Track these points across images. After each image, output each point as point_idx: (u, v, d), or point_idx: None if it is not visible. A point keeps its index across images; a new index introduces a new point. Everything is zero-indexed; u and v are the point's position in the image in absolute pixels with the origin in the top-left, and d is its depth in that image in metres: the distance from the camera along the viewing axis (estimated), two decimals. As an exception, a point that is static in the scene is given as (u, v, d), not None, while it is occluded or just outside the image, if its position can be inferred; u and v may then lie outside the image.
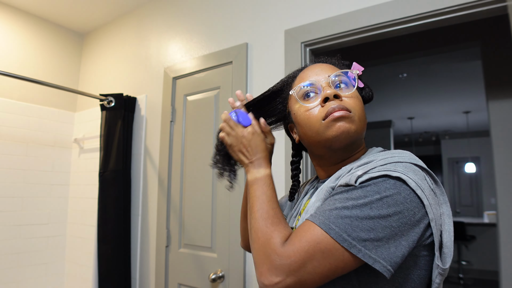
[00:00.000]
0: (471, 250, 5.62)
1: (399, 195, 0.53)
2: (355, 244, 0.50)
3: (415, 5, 1.24)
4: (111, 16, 2.48)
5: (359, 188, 0.55)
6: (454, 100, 4.67)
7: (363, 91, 0.75)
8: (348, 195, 0.55)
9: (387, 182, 0.53)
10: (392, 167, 0.55)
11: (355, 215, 0.52)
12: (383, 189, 0.53)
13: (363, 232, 0.51)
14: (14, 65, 2.34)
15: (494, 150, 1.73)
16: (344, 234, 0.51)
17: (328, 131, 0.64)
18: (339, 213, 0.53)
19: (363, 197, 0.53)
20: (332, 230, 0.52)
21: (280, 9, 1.61)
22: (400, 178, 0.54)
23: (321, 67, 0.72)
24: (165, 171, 1.92)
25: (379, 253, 0.50)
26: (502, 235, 1.63)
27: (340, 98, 0.65)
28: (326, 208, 0.55)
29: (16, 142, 2.28)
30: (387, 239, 0.51)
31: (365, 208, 0.52)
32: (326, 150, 0.68)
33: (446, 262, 0.56)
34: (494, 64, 1.83)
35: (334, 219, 0.52)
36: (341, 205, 0.54)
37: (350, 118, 0.63)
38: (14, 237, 2.21)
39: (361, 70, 0.74)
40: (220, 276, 1.59)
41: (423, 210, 0.54)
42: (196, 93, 1.88)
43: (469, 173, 6.69)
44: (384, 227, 0.51)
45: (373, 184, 0.54)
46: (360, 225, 0.51)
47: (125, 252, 1.96)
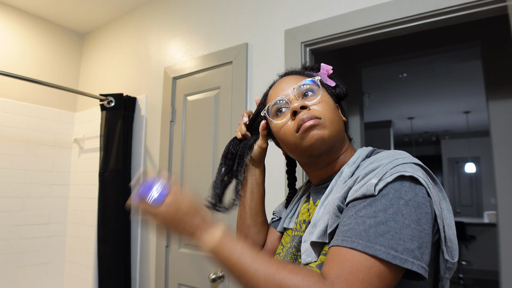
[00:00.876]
0: (471, 250, 5.62)
1: (417, 196, 0.53)
2: (406, 258, 0.48)
3: (415, 5, 1.24)
4: (111, 16, 2.48)
5: (381, 197, 0.52)
6: (454, 100, 4.67)
7: (336, 89, 0.76)
8: (374, 208, 0.52)
9: (404, 184, 0.53)
10: (401, 168, 0.55)
11: (393, 228, 0.49)
12: (403, 192, 0.52)
13: (407, 243, 0.49)
14: (14, 65, 2.34)
15: (494, 150, 1.73)
16: (392, 251, 0.48)
17: (303, 142, 0.66)
18: (377, 230, 0.50)
19: (390, 206, 0.51)
20: (378, 250, 0.48)
21: (280, 9, 1.61)
22: (413, 177, 0.54)
23: (287, 81, 0.74)
24: (165, 171, 1.92)
25: (424, 260, 0.49)
26: (502, 235, 1.63)
27: (308, 108, 0.66)
28: (359, 228, 0.51)
29: (16, 142, 2.28)
30: (426, 243, 0.50)
31: (398, 217, 0.50)
32: (310, 158, 0.70)
33: (454, 255, 0.56)
34: (494, 64, 1.83)
35: (375, 238, 0.49)
36: (374, 221, 0.50)
37: (321, 125, 0.65)
38: (14, 237, 2.21)
39: (330, 70, 0.77)
40: (220, 276, 1.59)
41: (432, 206, 0.55)
42: (196, 93, 1.88)
43: (469, 173, 6.69)
44: (420, 231, 0.50)
45: (393, 190, 0.53)
46: (402, 237, 0.49)
47: (125, 252, 1.96)
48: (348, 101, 2.59)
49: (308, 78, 0.72)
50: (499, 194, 1.68)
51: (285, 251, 0.75)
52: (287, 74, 0.78)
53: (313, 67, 0.80)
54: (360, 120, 2.61)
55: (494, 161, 1.72)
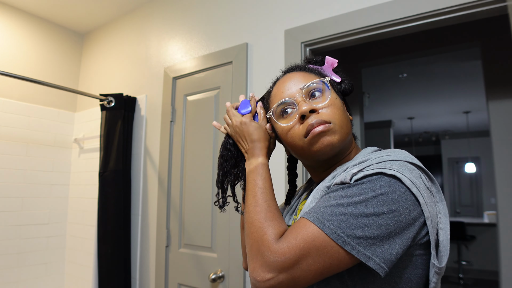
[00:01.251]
0: (471, 250, 5.62)
1: (394, 193, 0.52)
2: (349, 241, 0.50)
3: (415, 5, 1.24)
4: (111, 16, 2.48)
5: (354, 185, 0.54)
6: (454, 100, 4.67)
7: (342, 85, 0.74)
8: (343, 192, 0.54)
9: (382, 179, 0.53)
10: (387, 165, 0.55)
11: (350, 212, 0.51)
12: (378, 186, 0.53)
13: (357, 230, 0.50)
14: (14, 65, 2.34)
15: (494, 150, 1.73)
16: (339, 231, 0.50)
17: (312, 147, 0.64)
18: (334, 210, 0.52)
19: (358, 194, 0.53)
20: (326, 227, 0.51)
21: (280, 9, 1.61)
22: (395, 176, 0.53)
23: (292, 79, 0.70)
24: (165, 171, 1.92)
25: (373, 251, 0.50)
26: (502, 235, 1.63)
27: (317, 112, 0.64)
28: (321, 205, 0.55)
29: (16, 142, 2.28)
30: (382, 237, 0.50)
31: (360, 205, 0.51)
32: (315, 162, 0.69)
33: (442, 260, 0.55)
34: (494, 64, 1.83)
35: (329, 216, 0.52)
36: (336, 202, 0.53)
37: (331, 130, 0.63)
38: (14, 237, 2.21)
39: (335, 63, 0.74)
40: (220, 276, 1.59)
41: (418, 208, 0.53)
42: (196, 93, 1.87)
43: (469, 173, 6.69)
44: (379, 224, 0.50)
45: (368, 182, 0.53)
46: (354, 223, 0.50)
47: (125, 252, 1.96)
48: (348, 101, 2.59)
49: (314, 78, 0.69)
50: (499, 194, 1.68)
51: None
52: (291, 70, 0.75)
53: (317, 59, 0.76)
54: (360, 120, 2.61)
55: (494, 161, 1.72)
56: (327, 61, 0.74)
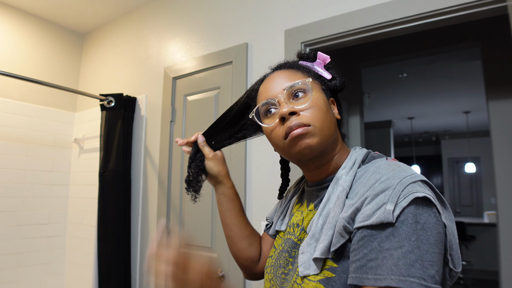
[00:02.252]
0: (471, 250, 5.62)
1: (430, 217, 0.52)
2: (430, 285, 0.48)
3: (415, 5, 1.24)
4: (111, 16, 2.48)
5: (401, 224, 0.51)
6: (454, 100, 4.68)
7: (332, 82, 0.72)
8: (397, 237, 0.51)
9: (418, 207, 0.52)
10: (412, 188, 0.54)
11: (419, 256, 0.49)
12: (419, 216, 0.52)
13: (430, 270, 0.49)
14: (14, 65, 2.34)
15: (494, 150, 1.73)
16: (422, 281, 0.48)
17: (291, 149, 0.64)
18: (406, 261, 0.49)
19: (413, 232, 0.51)
20: (413, 283, 0.48)
21: (280, 9, 1.61)
22: (426, 197, 0.53)
23: (278, 78, 0.69)
24: (165, 171, 1.92)
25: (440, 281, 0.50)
26: (502, 235, 1.63)
27: (297, 114, 0.63)
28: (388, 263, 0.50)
29: (16, 142, 2.28)
30: (442, 262, 0.52)
31: (421, 243, 0.50)
32: (299, 162, 0.69)
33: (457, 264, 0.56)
34: (494, 64, 1.83)
35: (406, 270, 0.48)
36: (401, 252, 0.50)
37: (310, 133, 0.62)
38: (14, 237, 2.21)
39: (328, 59, 0.73)
40: (220, 276, 1.59)
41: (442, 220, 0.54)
42: (196, 93, 1.87)
43: (469, 173, 6.69)
44: (438, 254, 0.51)
45: (411, 215, 0.52)
46: (425, 264, 0.49)
47: (125, 252, 1.96)
48: (348, 101, 2.59)
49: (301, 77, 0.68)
50: (499, 194, 1.68)
51: (277, 254, 0.74)
52: (279, 68, 0.74)
53: (309, 55, 0.75)
54: (360, 120, 2.61)
55: (494, 161, 1.72)
56: (319, 57, 0.73)
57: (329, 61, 0.73)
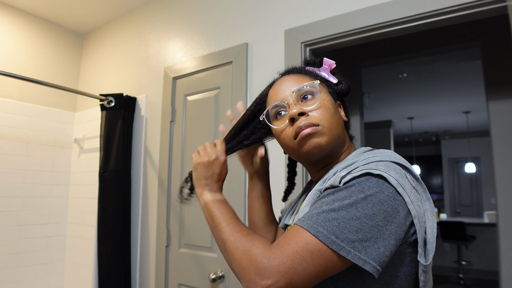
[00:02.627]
0: (471, 250, 5.62)
1: (382, 193, 0.53)
2: (344, 246, 0.50)
3: (415, 5, 1.24)
4: (111, 16, 2.48)
5: (344, 188, 0.55)
6: (454, 100, 4.68)
7: (338, 86, 0.75)
8: (333, 196, 0.55)
9: (370, 180, 0.54)
10: (373, 165, 0.56)
11: (342, 217, 0.52)
12: (366, 188, 0.54)
13: (351, 233, 0.51)
14: (14, 65, 2.34)
15: (494, 150, 1.73)
16: (333, 236, 0.51)
17: (301, 149, 0.66)
18: (327, 215, 0.53)
19: (348, 197, 0.53)
20: (320, 233, 0.51)
21: (280, 9, 1.61)
22: (382, 176, 0.54)
23: (286, 82, 0.72)
24: (165, 171, 1.92)
25: (368, 254, 0.50)
26: (502, 235, 1.63)
27: (306, 114, 0.66)
28: (314, 212, 0.55)
29: (16, 142, 2.28)
30: (375, 238, 0.51)
31: (351, 208, 0.52)
32: (307, 162, 0.72)
33: (428, 258, 0.56)
34: (494, 64, 1.83)
35: (322, 222, 0.52)
36: (328, 208, 0.54)
37: (319, 132, 0.65)
38: (14, 237, 2.21)
39: (333, 64, 0.76)
40: (220, 276, 1.59)
41: (406, 207, 0.55)
42: (196, 93, 1.88)
43: (469, 173, 6.69)
44: (371, 226, 0.51)
45: (357, 184, 0.54)
46: (347, 226, 0.51)
47: (125, 252, 1.96)
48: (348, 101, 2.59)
49: (308, 80, 0.71)
50: (499, 194, 1.68)
51: None
52: (287, 73, 0.77)
53: (315, 61, 0.78)
54: (360, 120, 2.61)
55: (494, 161, 1.72)
56: (325, 63, 0.76)
57: (334, 66, 0.76)
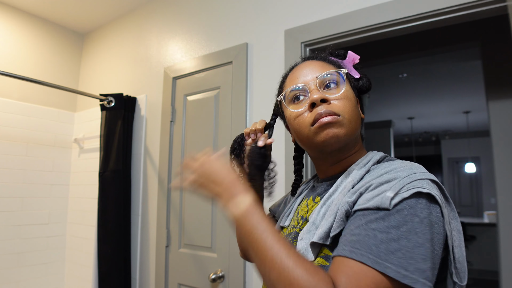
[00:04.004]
0: (471, 250, 5.62)
1: (431, 215, 0.51)
2: (417, 278, 0.46)
3: (415, 5, 1.24)
4: (111, 16, 2.48)
5: (396, 213, 0.50)
6: (454, 100, 4.67)
7: (360, 82, 0.72)
8: (387, 223, 0.49)
9: (420, 202, 0.51)
10: (418, 184, 0.52)
11: (405, 246, 0.47)
12: (419, 210, 0.50)
13: (419, 263, 0.46)
14: (14, 65, 2.34)
15: (494, 150, 1.73)
16: (402, 270, 0.46)
17: (317, 137, 0.63)
18: (388, 247, 0.47)
19: (404, 223, 0.49)
20: (389, 269, 0.46)
21: (280, 9, 1.61)
22: (430, 194, 0.51)
23: (310, 67, 0.69)
24: (165, 171, 1.92)
25: (432, 279, 0.47)
26: (502, 235, 1.63)
27: (328, 102, 0.62)
28: (369, 242, 0.49)
29: (16, 142, 2.28)
30: (437, 264, 0.49)
31: (411, 235, 0.48)
32: (320, 153, 0.68)
33: (462, 278, 0.54)
34: (494, 64, 1.83)
35: (385, 255, 0.47)
36: (386, 237, 0.48)
37: (339, 123, 0.61)
38: (14, 237, 2.21)
39: (357, 59, 0.73)
40: (220, 276, 1.59)
41: (445, 226, 0.53)
42: (196, 93, 1.88)
43: (469, 173, 6.69)
44: (433, 251, 0.48)
45: (408, 207, 0.50)
46: (414, 256, 0.47)
47: (125, 252, 1.96)
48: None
49: (332, 68, 0.68)
50: (499, 194, 1.68)
51: None
52: (311, 58, 0.73)
53: (339, 53, 0.75)
54: (360, 120, 2.60)
55: (494, 161, 1.72)
56: (349, 56, 0.73)
57: (358, 61, 0.73)
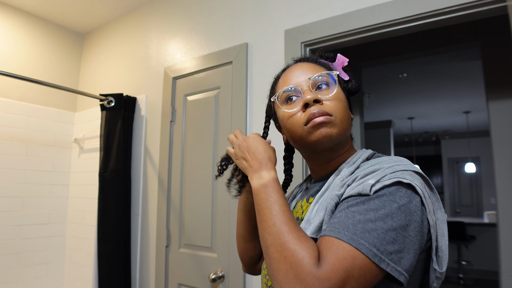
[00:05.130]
0: (471, 250, 5.61)
1: (411, 203, 0.53)
2: (384, 258, 0.49)
3: (415, 5, 1.24)
4: (111, 16, 2.48)
5: (376, 198, 0.54)
6: (454, 100, 4.67)
7: (349, 84, 0.75)
8: (366, 206, 0.53)
9: (400, 190, 0.54)
10: (400, 174, 0.55)
11: (380, 227, 0.50)
12: (398, 197, 0.53)
13: (389, 245, 0.50)
14: (14, 65, 2.34)
15: (494, 150, 1.73)
16: (374, 248, 0.49)
17: (310, 136, 0.65)
18: (364, 226, 0.51)
19: (382, 207, 0.52)
20: (362, 245, 0.50)
21: (280, 9, 1.61)
22: (411, 185, 0.54)
23: (302, 68, 0.71)
24: (165, 171, 1.92)
25: (402, 265, 0.50)
26: (502, 235, 1.63)
27: (320, 102, 0.65)
28: (348, 222, 0.52)
29: (16, 142, 2.28)
30: (408, 249, 0.51)
31: (387, 219, 0.51)
32: (312, 153, 0.70)
33: (442, 265, 0.57)
34: (494, 64, 1.83)
35: (361, 233, 0.50)
36: (363, 218, 0.52)
37: (331, 123, 0.64)
38: (14, 237, 2.21)
39: (346, 61, 0.75)
40: (220, 276, 1.59)
41: (426, 217, 0.55)
42: (196, 93, 1.88)
43: (469, 173, 6.69)
44: (404, 237, 0.51)
45: (388, 194, 0.53)
46: (385, 238, 0.50)
47: (125, 252, 1.96)
48: (348, 101, 2.59)
49: (324, 70, 0.71)
50: (499, 194, 1.68)
51: None
52: (302, 60, 0.76)
53: (329, 55, 0.77)
54: (360, 120, 2.61)
55: (494, 161, 1.72)
56: (338, 59, 0.76)
57: (347, 64, 0.76)
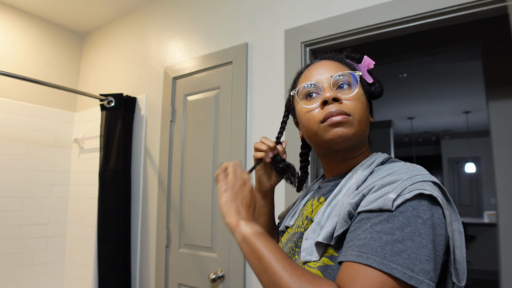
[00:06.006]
0: (471, 250, 5.61)
1: (434, 216, 0.52)
2: (422, 279, 0.47)
3: (415, 5, 1.24)
4: (111, 16, 2.48)
5: (399, 214, 0.51)
6: (454, 100, 4.67)
7: (372, 87, 0.74)
8: (391, 224, 0.50)
9: (422, 203, 0.52)
10: (420, 186, 0.53)
11: (410, 247, 0.48)
12: (421, 212, 0.51)
13: (424, 264, 0.47)
14: (14, 65, 2.34)
15: (494, 150, 1.73)
16: (408, 271, 0.46)
17: (325, 135, 0.64)
18: (393, 248, 0.48)
19: (408, 224, 0.50)
20: (395, 269, 0.47)
21: (280, 9, 1.61)
22: (432, 196, 0.53)
23: (325, 66, 0.70)
24: (165, 171, 1.92)
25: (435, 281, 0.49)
26: (502, 235, 1.62)
27: (339, 101, 0.64)
28: (375, 244, 0.49)
29: (16, 142, 2.28)
30: (439, 264, 0.50)
31: (415, 236, 0.49)
32: (326, 151, 0.69)
33: (461, 279, 0.55)
34: (494, 64, 1.83)
35: (391, 256, 0.47)
36: (391, 238, 0.49)
37: (348, 123, 0.63)
38: (14, 237, 2.21)
39: (372, 64, 0.74)
40: (220, 276, 1.59)
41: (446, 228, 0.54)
42: (196, 93, 1.88)
43: (469, 173, 6.69)
44: (435, 252, 0.50)
45: (411, 208, 0.51)
46: (418, 257, 0.47)
47: (125, 252, 1.96)
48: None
49: (348, 69, 0.69)
50: (499, 194, 1.68)
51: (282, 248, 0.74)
52: (327, 58, 0.75)
53: (356, 56, 0.77)
54: (360, 120, 2.60)
55: (494, 161, 1.72)
56: (364, 60, 0.75)
57: (372, 66, 0.75)
